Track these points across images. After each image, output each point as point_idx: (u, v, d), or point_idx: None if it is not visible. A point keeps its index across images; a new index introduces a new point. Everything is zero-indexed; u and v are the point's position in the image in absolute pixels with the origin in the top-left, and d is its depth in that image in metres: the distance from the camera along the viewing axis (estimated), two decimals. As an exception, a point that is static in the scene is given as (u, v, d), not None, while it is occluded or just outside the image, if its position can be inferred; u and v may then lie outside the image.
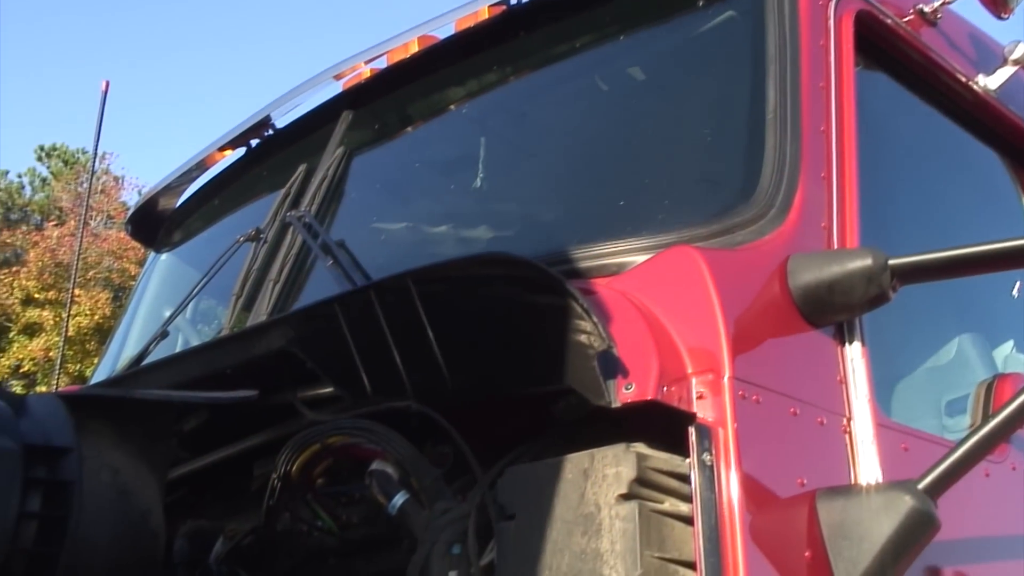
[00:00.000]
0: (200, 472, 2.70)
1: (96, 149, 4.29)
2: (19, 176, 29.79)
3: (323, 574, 2.47)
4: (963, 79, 2.99)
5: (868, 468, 2.15)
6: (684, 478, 1.91)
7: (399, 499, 2.13)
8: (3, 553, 1.62)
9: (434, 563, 2.01)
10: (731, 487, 1.88)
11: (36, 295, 24.15)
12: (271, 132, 3.63)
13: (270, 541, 2.48)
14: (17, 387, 21.68)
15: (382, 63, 3.33)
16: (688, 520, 1.89)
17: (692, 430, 1.91)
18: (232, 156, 3.74)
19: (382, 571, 2.41)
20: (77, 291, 21.19)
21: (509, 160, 3.17)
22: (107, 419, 1.90)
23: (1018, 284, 3.10)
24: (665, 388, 1.94)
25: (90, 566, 1.75)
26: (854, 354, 2.26)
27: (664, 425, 1.96)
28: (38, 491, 1.70)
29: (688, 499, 1.90)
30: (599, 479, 1.87)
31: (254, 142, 3.67)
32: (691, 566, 1.85)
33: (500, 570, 1.92)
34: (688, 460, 1.91)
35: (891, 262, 2.16)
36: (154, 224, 3.97)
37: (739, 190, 2.39)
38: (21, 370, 23.29)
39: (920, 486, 1.98)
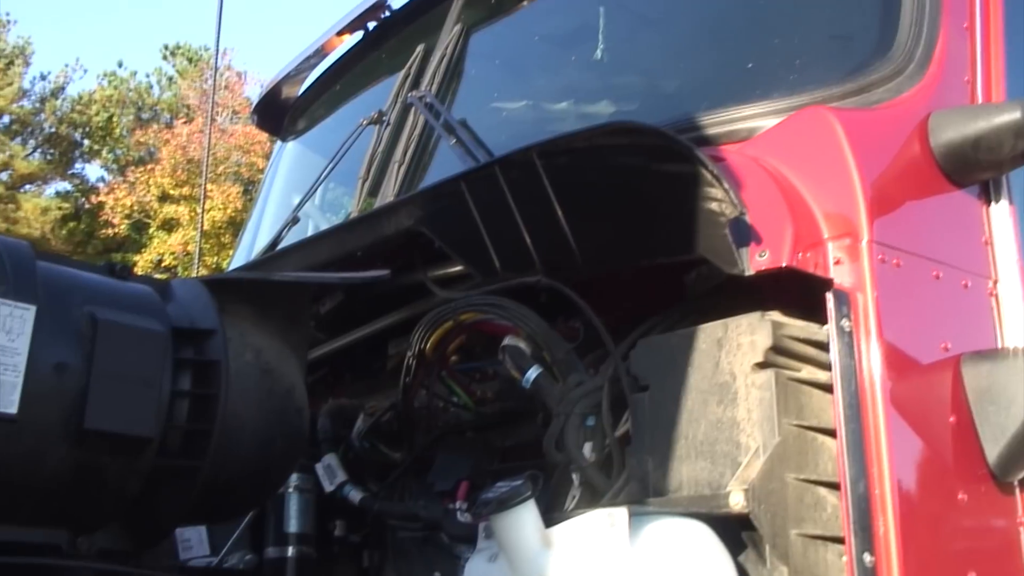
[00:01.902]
0: (338, 353, 2.79)
1: (218, 45, 4.34)
2: (147, 76, 30.59)
3: (460, 448, 2.53)
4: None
5: (1016, 331, 2.07)
6: (822, 346, 1.87)
7: (532, 373, 2.14)
8: (160, 429, 1.70)
9: (569, 435, 2.03)
10: (871, 353, 1.84)
11: (171, 191, 24.97)
12: (387, 14, 3.60)
13: (408, 417, 2.55)
14: (160, 280, 22.56)
15: (495, -65, 3.24)
16: (827, 388, 1.85)
17: (829, 296, 1.86)
18: (350, 40, 3.73)
19: (517, 444, 2.46)
20: (209, 186, 21.80)
21: (630, 29, 3.07)
22: (247, 302, 1.95)
23: None
24: (800, 254, 1.89)
25: (240, 441, 1.83)
26: (1001, 213, 2.16)
27: (800, 292, 1.91)
28: (187, 371, 1.77)
29: (826, 367, 1.86)
30: (734, 348, 1.85)
31: (371, 25, 3.64)
32: (830, 433, 1.83)
33: (635, 440, 1.93)
34: (825, 327, 1.87)
35: (1043, 114, 2.04)
36: (278, 113, 4.02)
37: (875, 45, 2.27)
38: (162, 264, 24.28)
39: (1074, 348, 1.90)
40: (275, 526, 2.49)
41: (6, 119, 27.50)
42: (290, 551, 2.46)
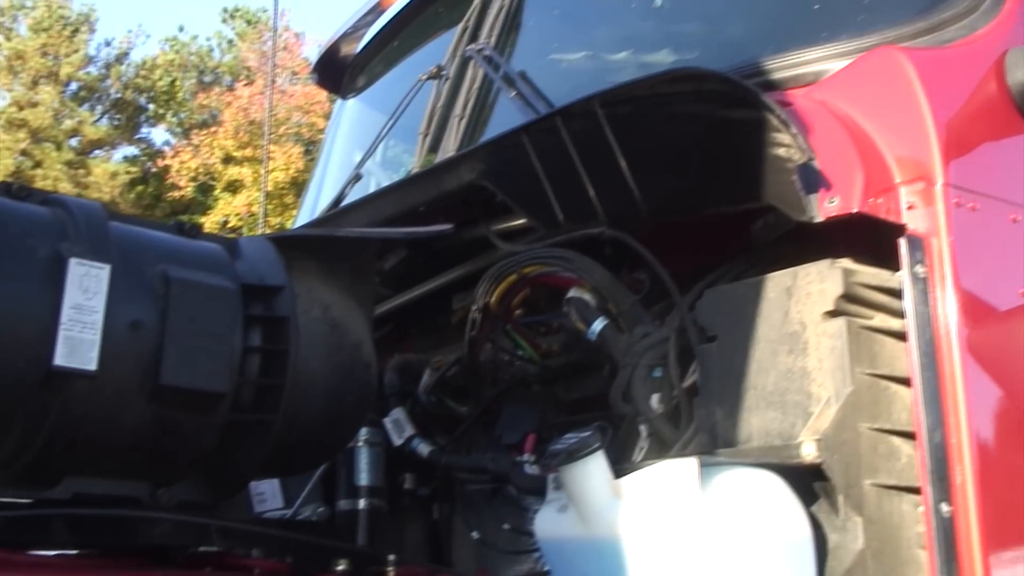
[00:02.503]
0: (403, 308, 2.80)
1: (276, 6, 4.34)
2: (207, 40, 30.81)
3: (526, 401, 2.54)
4: None
5: (1097, 275, 2.01)
6: (894, 293, 1.84)
7: (598, 324, 2.13)
8: (233, 384, 1.73)
9: (636, 386, 2.02)
10: (946, 300, 1.80)
11: (234, 153, 25.24)
12: (444, -33, 3.56)
13: (474, 371, 2.56)
14: (226, 242, 22.74)
15: None
16: (900, 336, 1.82)
17: (903, 242, 1.82)
18: (407, -5, 3.71)
19: (583, 397, 2.46)
20: (271, 147, 22.03)
21: (692, -27, 3.01)
22: (314, 258, 1.96)
23: None
24: (872, 200, 1.85)
25: (311, 395, 1.85)
26: (1081, 154, 2.09)
27: (871, 239, 1.87)
28: (257, 327, 1.79)
29: (899, 314, 1.83)
30: (803, 297, 1.82)
31: (428, -22, 3.61)
32: (904, 382, 1.80)
33: (703, 391, 1.92)
34: (898, 274, 1.83)
35: None
36: (338, 71, 4.01)
37: (947, -19, 2.20)
38: (228, 225, 24.60)
39: None
40: (346, 479, 2.53)
41: (74, 86, 27.94)
42: (361, 503, 2.50)
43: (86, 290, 1.56)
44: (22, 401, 1.56)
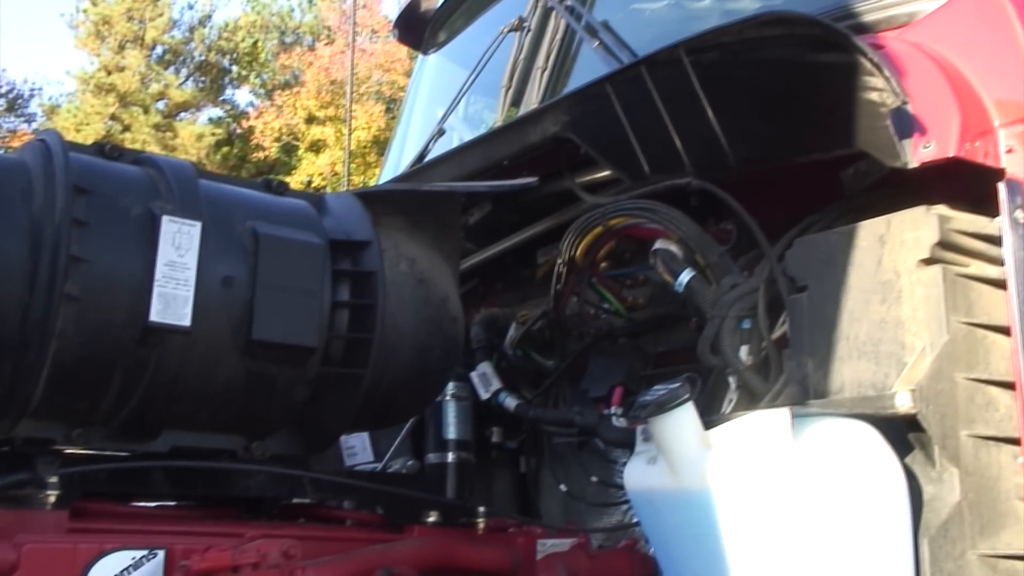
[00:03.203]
0: (488, 263, 2.81)
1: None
2: (288, 0, 31.03)
3: (612, 354, 2.53)
4: None
5: None
6: (992, 239, 1.78)
7: (685, 276, 2.10)
8: (323, 338, 1.75)
9: (724, 338, 2.00)
10: (1048, 246, 1.73)
11: (317, 113, 25.44)
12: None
13: (559, 325, 2.56)
14: (310, 201, 22.93)
15: None
16: (998, 284, 1.76)
17: (1001, 187, 1.75)
18: (487, -52, 3.67)
19: (670, 350, 2.44)
20: (353, 106, 22.13)
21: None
22: (399, 213, 1.98)
23: None
24: (969, 144, 1.79)
25: (399, 349, 1.87)
26: None
27: (967, 185, 1.81)
28: (346, 282, 1.81)
29: (997, 261, 1.77)
30: (897, 245, 1.77)
31: (507, -70, 3.57)
32: (1003, 331, 1.74)
33: (794, 342, 1.88)
34: (997, 220, 1.77)
35: None
36: (419, 26, 4.00)
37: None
38: (312, 185, 24.86)
39: None
40: (434, 433, 2.56)
41: (159, 50, 28.44)
42: (450, 456, 2.52)
43: (179, 247, 1.60)
44: (120, 357, 1.61)
